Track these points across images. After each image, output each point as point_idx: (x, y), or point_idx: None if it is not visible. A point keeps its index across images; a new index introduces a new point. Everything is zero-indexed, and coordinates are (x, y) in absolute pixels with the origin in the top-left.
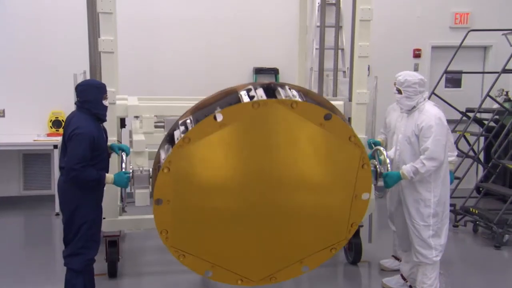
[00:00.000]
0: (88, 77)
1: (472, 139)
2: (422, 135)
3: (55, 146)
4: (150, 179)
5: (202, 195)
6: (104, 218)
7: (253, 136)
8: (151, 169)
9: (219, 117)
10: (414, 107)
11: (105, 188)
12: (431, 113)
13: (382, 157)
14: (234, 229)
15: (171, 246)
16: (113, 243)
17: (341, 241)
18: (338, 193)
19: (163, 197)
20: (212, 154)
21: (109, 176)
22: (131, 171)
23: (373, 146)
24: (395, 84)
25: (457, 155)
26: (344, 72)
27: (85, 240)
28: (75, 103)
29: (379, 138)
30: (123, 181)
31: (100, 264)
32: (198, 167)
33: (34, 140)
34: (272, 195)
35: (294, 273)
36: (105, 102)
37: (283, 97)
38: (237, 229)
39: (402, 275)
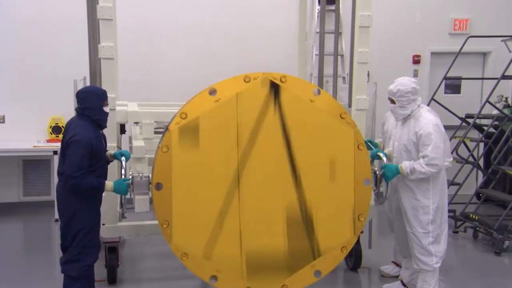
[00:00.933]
0: (88, 83)
1: (471, 145)
2: (421, 143)
3: (55, 152)
4: (150, 185)
5: (203, 179)
6: (103, 224)
7: (248, 112)
8: (150, 175)
9: (213, 91)
10: (409, 115)
11: (104, 194)
12: (429, 120)
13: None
14: (238, 225)
15: (173, 243)
16: (113, 249)
17: (350, 238)
18: (337, 179)
19: (163, 180)
20: (210, 132)
21: (109, 184)
22: (130, 177)
23: (370, 145)
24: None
25: (457, 161)
26: (344, 78)
27: (82, 247)
28: (75, 109)
29: (377, 140)
30: (123, 188)
31: (99, 270)
32: (197, 146)
33: (34, 146)
34: (273, 180)
35: (306, 280)
36: (106, 109)
37: None
38: (241, 224)
39: (402, 281)
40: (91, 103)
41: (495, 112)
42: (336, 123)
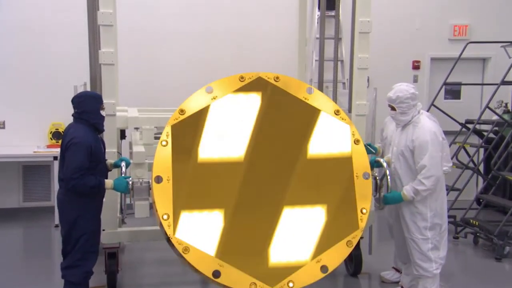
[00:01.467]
0: (88, 89)
1: (471, 150)
2: (418, 152)
3: (55, 158)
4: (150, 191)
5: (202, 173)
6: (103, 230)
7: (244, 110)
8: (150, 181)
9: (210, 89)
10: (410, 121)
11: (104, 200)
12: (426, 128)
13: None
14: (240, 219)
15: (174, 236)
16: (113, 255)
17: (355, 232)
18: (338, 174)
19: (162, 174)
20: (208, 127)
21: (109, 182)
22: (131, 182)
23: (370, 149)
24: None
25: (457, 167)
26: (344, 83)
27: (83, 252)
28: (72, 115)
29: (376, 145)
30: (123, 185)
31: (99, 276)
32: (196, 140)
33: (34, 152)
34: (273, 175)
35: (313, 276)
36: (102, 112)
37: None
38: (243, 219)
39: (402, 287)
40: (89, 106)
41: (495, 117)
42: (332, 120)
